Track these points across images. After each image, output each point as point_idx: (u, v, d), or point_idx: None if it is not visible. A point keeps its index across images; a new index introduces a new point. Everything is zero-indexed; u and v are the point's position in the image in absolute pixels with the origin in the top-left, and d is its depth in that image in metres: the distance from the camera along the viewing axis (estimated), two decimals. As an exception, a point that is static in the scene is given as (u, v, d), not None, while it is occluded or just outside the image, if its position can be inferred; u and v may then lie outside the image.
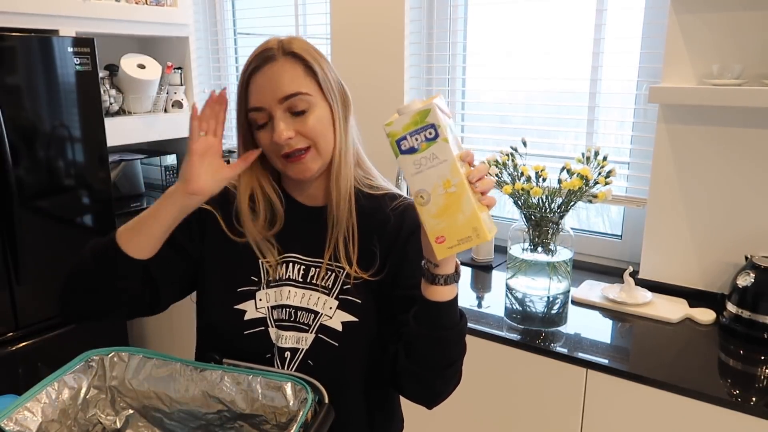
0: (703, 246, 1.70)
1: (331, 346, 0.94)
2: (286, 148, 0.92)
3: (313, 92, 0.93)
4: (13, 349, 2.07)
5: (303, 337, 0.95)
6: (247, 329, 0.96)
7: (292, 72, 0.92)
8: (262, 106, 0.92)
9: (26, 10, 2.11)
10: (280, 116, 0.91)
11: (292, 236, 0.99)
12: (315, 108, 0.93)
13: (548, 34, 1.99)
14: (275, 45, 0.93)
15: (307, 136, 0.92)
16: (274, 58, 0.92)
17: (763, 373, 1.34)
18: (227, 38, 2.88)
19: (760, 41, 1.53)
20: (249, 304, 0.97)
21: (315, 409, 0.82)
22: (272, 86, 0.91)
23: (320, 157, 0.94)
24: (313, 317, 0.95)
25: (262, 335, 0.95)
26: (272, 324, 0.96)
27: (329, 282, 0.97)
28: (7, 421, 0.78)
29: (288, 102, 0.91)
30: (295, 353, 0.95)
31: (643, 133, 1.85)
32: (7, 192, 1.96)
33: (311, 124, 0.92)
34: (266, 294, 0.97)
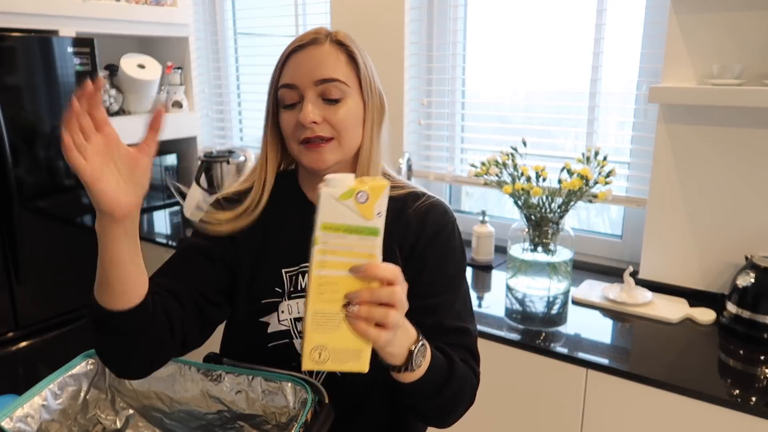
0: (703, 246, 1.70)
1: None
2: (309, 132, 0.88)
3: (351, 84, 0.90)
4: (13, 349, 2.07)
5: None
6: (271, 342, 0.94)
7: (336, 58, 0.89)
8: (296, 83, 0.89)
9: (26, 10, 2.11)
10: (311, 98, 0.88)
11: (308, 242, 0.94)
12: (348, 100, 0.90)
13: (548, 34, 1.99)
14: (324, 31, 0.92)
15: (334, 126, 0.89)
16: (321, 41, 0.90)
17: (763, 373, 1.34)
18: (227, 38, 2.88)
19: (760, 41, 1.53)
20: (272, 316, 0.94)
21: (315, 410, 0.82)
22: (311, 66, 0.88)
23: (340, 151, 0.91)
24: None
25: (286, 348, 0.93)
26: (296, 335, 0.94)
27: None
28: (8, 421, 0.78)
29: (323, 86, 0.88)
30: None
31: (643, 133, 1.85)
32: (7, 192, 1.96)
33: (341, 115, 0.89)
34: (288, 306, 0.94)
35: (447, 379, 0.83)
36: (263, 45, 2.80)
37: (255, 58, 2.85)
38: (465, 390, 0.88)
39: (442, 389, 0.82)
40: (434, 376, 0.80)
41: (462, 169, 2.27)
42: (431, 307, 0.87)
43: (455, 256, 0.95)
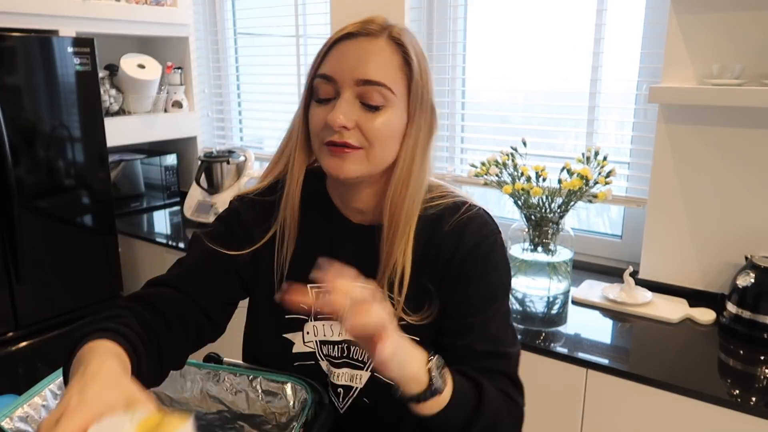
0: (703, 246, 1.70)
1: (387, 387, 0.78)
2: (336, 135, 0.77)
3: (397, 92, 0.78)
4: (13, 349, 2.07)
5: (357, 375, 0.87)
6: (297, 361, 0.89)
7: (388, 58, 0.78)
8: (334, 76, 0.78)
9: (26, 10, 2.11)
10: (347, 98, 0.77)
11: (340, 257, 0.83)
12: (390, 109, 0.78)
13: (548, 34, 1.99)
14: (381, 22, 0.80)
15: (366, 134, 0.77)
16: (376, 34, 0.79)
17: (763, 373, 1.34)
18: (227, 38, 2.88)
19: (760, 41, 1.53)
20: (297, 336, 0.88)
21: (315, 410, 0.82)
22: (357, 61, 0.77)
23: (366, 164, 0.79)
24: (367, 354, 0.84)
25: (313, 368, 0.88)
26: (322, 357, 0.88)
27: None
28: (8, 421, 0.78)
29: (364, 88, 0.77)
30: (348, 390, 0.88)
31: (643, 133, 1.85)
32: (7, 192, 1.96)
33: (377, 124, 0.77)
34: (314, 327, 0.88)
35: (477, 407, 0.75)
36: (263, 45, 2.80)
37: (255, 58, 2.85)
38: (502, 421, 0.79)
39: (473, 420, 0.75)
40: (461, 404, 0.74)
41: (462, 169, 2.27)
42: (464, 328, 0.80)
43: (496, 272, 0.85)
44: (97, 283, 2.28)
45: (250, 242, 0.88)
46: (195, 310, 0.84)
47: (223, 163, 2.53)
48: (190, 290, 0.84)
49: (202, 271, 0.87)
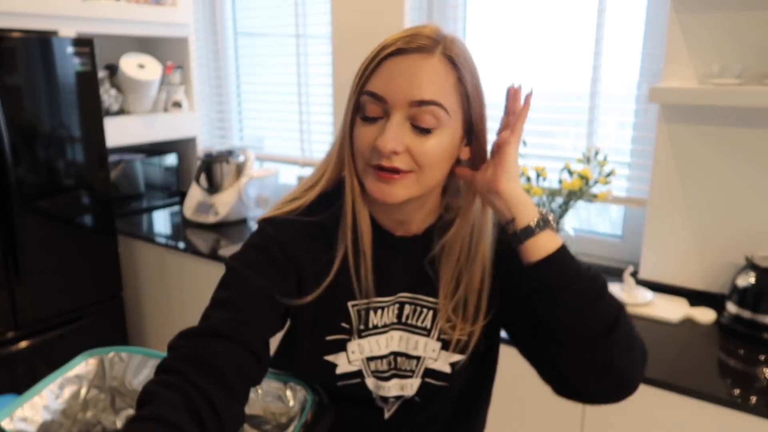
0: (704, 246, 1.70)
1: (439, 388, 0.84)
2: (384, 160, 0.74)
3: (451, 112, 0.75)
4: (13, 349, 2.07)
5: (408, 384, 0.85)
6: (341, 381, 0.85)
7: (443, 77, 0.74)
8: (386, 97, 0.73)
9: (26, 10, 2.11)
10: (398, 120, 0.73)
11: (384, 274, 0.84)
12: (443, 132, 0.75)
13: (548, 35, 1.99)
14: (435, 36, 0.75)
15: (416, 158, 0.74)
16: (429, 50, 0.73)
17: (763, 373, 1.34)
18: (227, 38, 2.88)
19: (761, 41, 1.53)
20: (340, 356, 0.83)
21: (315, 410, 0.82)
22: (409, 81, 0.72)
23: (416, 187, 0.76)
24: (416, 362, 0.85)
25: (358, 386, 0.85)
26: (369, 374, 0.85)
27: (427, 321, 0.84)
28: (8, 421, 0.78)
29: (418, 109, 0.73)
30: (400, 399, 0.87)
31: (643, 133, 1.85)
32: (7, 192, 1.96)
33: (428, 149, 0.74)
34: (359, 345, 0.84)
35: (587, 272, 0.72)
36: (263, 45, 2.80)
37: (255, 58, 2.85)
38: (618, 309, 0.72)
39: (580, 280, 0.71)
40: (572, 260, 0.72)
41: (462, 169, 2.27)
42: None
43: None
44: (97, 283, 2.28)
45: (295, 266, 0.81)
46: (250, 358, 0.74)
47: (223, 163, 2.53)
48: (245, 338, 0.74)
49: (256, 314, 0.77)
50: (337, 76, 2.35)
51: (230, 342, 0.72)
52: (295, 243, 0.81)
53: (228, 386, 0.69)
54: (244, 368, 0.72)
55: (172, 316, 2.40)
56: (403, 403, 0.87)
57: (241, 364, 0.72)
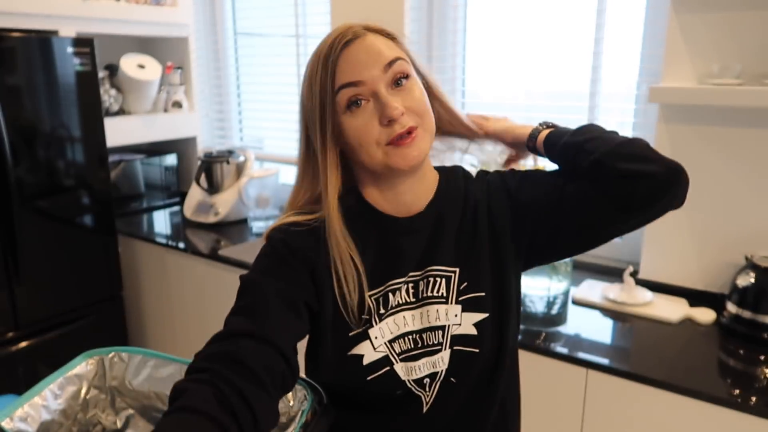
0: (703, 246, 1.70)
1: (471, 355, 0.85)
2: (398, 127, 0.79)
3: (408, 61, 0.84)
4: (13, 349, 2.07)
5: (439, 359, 0.85)
6: (370, 374, 0.83)
7: (385, 42, 0.83)
8: (361, 79, 0.79)
9: (26, 10, 2.11)
10: (385, 90, 0.79)
11: (396, 257, 0.87)
12: (415, 79, 0.84)
13: (548, 34, 1.99)
14: (357, 25, 0.85)
15: (416, 111, 0.81)
16: (363, 34, 0.83)
17: (763, 373, 1.34)
18: (227, 38, 2.88)
19: (760, 41, 1.53)
20: (365, 345, 0.84)
21: (315, 410, 0.82)
22: (371, 55, 0.80)
23: (427, 137, 0.83)
24: (441, 333, 0.85)
25: (388, 376, 0.84)
26: (397, 360, 0.85)
27: (442, 289, 0.86)
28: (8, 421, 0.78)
29: (390, 70, 0.80)
30: (435, 377, 0.85)
31: (642, 133, 1.85)
32: (7, 192, 1.97)
33: (417, 96, 0.82)
34: (380, 329, 0.84)
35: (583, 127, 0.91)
36: (263, 45, 2.80)
37: (255, 58, 2.85)
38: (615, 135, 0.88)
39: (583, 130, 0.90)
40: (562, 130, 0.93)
41: (462, 169, 2.27)
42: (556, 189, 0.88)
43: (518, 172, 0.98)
44: (97, 283, 2.28)
45: (307, 265, 0.84)
46: (278, 357, 0.74)
47: (223, 163, 2.53)
48: (271, 337, 0.74)
49: (276, 315, 0.78)
50: (337, 76, 2.35)
51: (257, 340, 0.73)
52: (303, 243, 0.84)
53: (258, 380, 0.69)
54: (273, 366, 0.73)
55: (172, 316, 2.40)
56: (440, 388, 0.86)
57: (270, 361, 0.73)
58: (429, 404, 0.86)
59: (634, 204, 0.82)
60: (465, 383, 0.86)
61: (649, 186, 0.80)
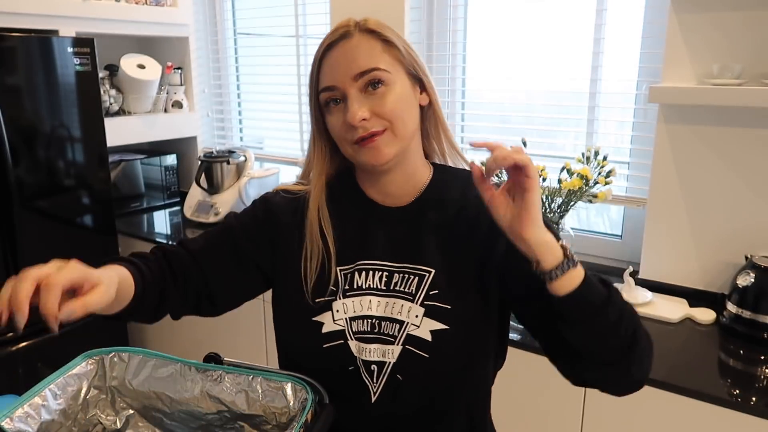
0: (703, 246, 1.70)
1: (420, 359, 0.85)
2: (361, 130, 0.84)
3: (392, 69, 0.86)
4: (13, 349, 2.07)
5: (389, 350, 0.87)
6: (326, 343, 0.88)
7: (369, 47, 0.86)
8: (335, 84, 0.85)
9: (26, 10, 2.11)
10: (355, 95, 0.84)
11: (371, 240, 0.92)
12: (394, 86, 0.85)
13: (548, 34, 1.99)
14: (351, 23, 0.88)
15: (384, 116, 0.84)
16: (350, 34, 0.86)
17: (763, 373, 1.34)
18: (227, 38, 2.88)
19: (760, 41, 1.53)
20: (326, 315, 0.89)
21: (315, 410, 0.82)
22: (347, 62, 0.84)
23: (396, 141, 0.86)
24: (399, 327, 0.87)
25: (342, 348, 0.88)
26: (351, 336, 0.88)
27: (412, 287, 0.88)
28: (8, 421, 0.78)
29: (363, 79, 0.84)
30: (382, 367, 0.87)
31: (643, 133, 1.85)
32: (7, 192, 1.96)
33: (389, 104, 0.84)
34: (343, 304, 0.89)
35: (608, 298, 0.75)
36: (263, 45, 2.80)
37: (255, 58, 2.85)
38: (635, 323, 0.78)
39: (608, 302, 0.75)
40: (595, 285, 0.75)
41: (462, 169, 2.27)
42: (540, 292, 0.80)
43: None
44: (97, 283, 2.27)
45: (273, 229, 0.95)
46: (202, 285, 0.93)
47: (223, 163, 2.53)
48: (205, 267, 0.93)
49: (220, 256, 0.94)
50: (337, 76, 2.35)
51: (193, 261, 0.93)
52: (282, 209, 0.95)
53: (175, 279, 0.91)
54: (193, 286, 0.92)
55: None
56: (387, 381, 0.87)
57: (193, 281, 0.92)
58: (376, 396, 0.88)
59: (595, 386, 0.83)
60: (414, 385, 0.86)
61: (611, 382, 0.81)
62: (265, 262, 0.95)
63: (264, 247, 0.95)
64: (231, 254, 0.94)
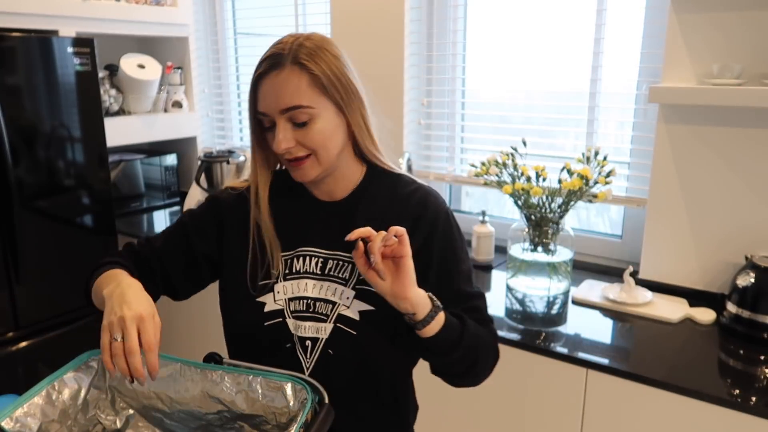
0: (703, 246, 1.70)
1: (349, 335, 0.96)
2: (287, 155, 0.95)
3: (316, 104, 0.93)
4: (13, 349, 2.07)
5: (322, 327, 0.97)
6: (267, 321, 0.99)
7: (296, 84, 0.91)
8: (266, 111, 0.94)
9: (26, 10, 2.11)
10: (282, 125, 0.93)
11: (309, 230, 1.02)
12: (318, 119, 0.93)
13: (548, 34, 1.99)
14: (286, 50, 0.93)
15: (307, 146, 0.94)
16: (281, 65, 0.92)
17: (763, 373, 1.34)
18: (227, 38, 2.88)
19: (760, 41, 1.53)
20: (268, 296, 1.00)
21: (315, 410, 0.82)
22: (275, 96, 0.92)
23: (319, 166, 0.96)
24: (331, 307, 0.98)
25: (280, 326, 0.98)
26: (289, 315, 0.98)
27: (346, 273, 0.99)
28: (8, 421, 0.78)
29: (288, 114, 0.93)
30: (315, 342, 0.97)
31: (643, 133, 1.85)
32: (7, 192, 1.96)
33: (311, 135, 0.93)
34: (283, 286, 1.00)
35: (463, 331, 0.93)
36: (263, 45, 2.78)
37: (255, 58, 2.84)
38: (483, 343, 0.98)
39: (461, 341, 0.93)
40: (453, 324, 0.93)
41: (462, 169, 2.27)
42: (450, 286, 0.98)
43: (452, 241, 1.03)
44: (97, 283, 2.27)
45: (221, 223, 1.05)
46: (165, 278, 1.07)
47: (223, 163, 2.53)
48: (165, 262, 1.06)
49: (176, 252, 1.06)
50: (337, 76, 2.35)
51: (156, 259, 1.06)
52: (229, 204, 1.06)
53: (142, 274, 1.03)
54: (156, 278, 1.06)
55: (172, 316, 2.39)
56: (319, 357, 0.97)
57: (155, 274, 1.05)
58: (309, 371, 0.97)
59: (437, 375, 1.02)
60: (343, 360, 0.97)
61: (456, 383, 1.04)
62: (214, 252, 1.06)
63: (212, 239, 1.05)
64: (185, 249, 1.06)
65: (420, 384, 1.11)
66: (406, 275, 0.89)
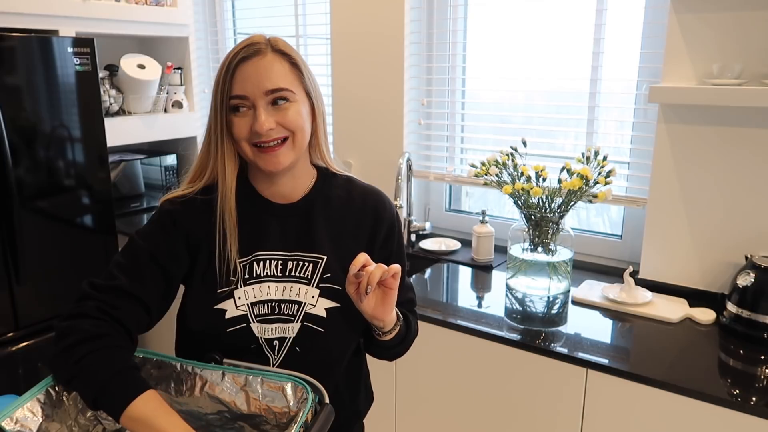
0: (703, 246, 1.70)
1: (317, 333, 1.00)
2: (264, 137, 0.96)
3: (296, 90, 0.98)
4: (13, 349, 2.07)
5: (289, 327, 1.00)
6: (230, 327, 0.98)
7: (281, 68, 0.96)
8: (247, 95, 0.95)
9: (26, 10, 2.11)
10: (263, 107, 0.95)
11: (264, 234, 1.03)
12: (296, 104, 0.97)
13: (548, 34, 1.99)
14: (263, 40, 0.97)
15: (287, 127, 0.97)
16: (263, 52, 0.96)
17: (763, 373, 1.34)
18: (227, 38, 2.88)
19: (760, 41, 1.53)
20: (228, 303, 0.99)
21: (315, 410, 0.82)
22: (260, 78, 0.94)
23: (294, 151, 0.99)
24: (297, 307, 1.00)
25: (244, 331, 0.99)
26: (254, 319, 0.99)
27: (308, 272, 1.01)
28: (8, 421, 0.78)
29: (273, 95, 0.95)
30: (283, 341, 1.00)
31: (643, 133, 1.85)
32: (7, 192, 1.96)
33: (291, 116, 0.96)
34: (245, 292, 1.00)
35: (407, 330, 1.09)
36: (263, 45, 2.80)
37: (255, 58, 2.84)
38: (414, 332, 1.14)
39: (405, 338, 1.09)
40: (402, 332, 1.07)
41: (462, 169, 2.27)
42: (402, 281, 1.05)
43: (402, 240, 1.15)
44: (97, 283, 2.27)
45: (184, 235, 1.00)
46: (141, 312, 0.97)
47: (223, 163, 2.52)
48: (138, 295, 0.96)
49: (147, 276, 0.98)
50: (336, 76, 2.35)
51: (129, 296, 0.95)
52: (187, 215, 1.01)
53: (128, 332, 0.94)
54: (139, 318, 0.96)
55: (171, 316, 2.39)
56: (287, 353, 0.99)
57: (136, 317, 0.96)
58: (276, 365, 0.99)
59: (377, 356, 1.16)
60: (309, 355, 1.00)
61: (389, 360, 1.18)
62: (183, 268, 1.01)
63: (184, 258, 1.01)
64: (159, 278, 0.98)
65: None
66: (390, 303, 0.99)
